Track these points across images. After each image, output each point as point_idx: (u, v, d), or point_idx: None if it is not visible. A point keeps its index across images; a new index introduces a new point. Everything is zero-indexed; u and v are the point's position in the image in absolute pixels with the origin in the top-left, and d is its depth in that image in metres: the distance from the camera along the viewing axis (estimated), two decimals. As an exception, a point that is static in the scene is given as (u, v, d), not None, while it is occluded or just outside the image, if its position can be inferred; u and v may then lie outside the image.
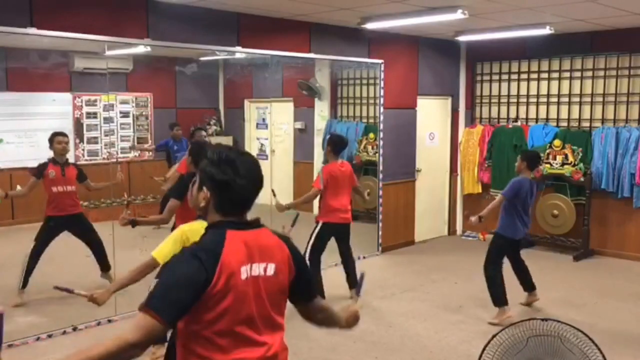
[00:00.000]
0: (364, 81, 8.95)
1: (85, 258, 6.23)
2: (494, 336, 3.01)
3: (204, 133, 7.21)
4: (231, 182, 1.87)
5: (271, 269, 1.94)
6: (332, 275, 6.19)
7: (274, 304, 1.99)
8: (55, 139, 5.83)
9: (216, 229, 1.90)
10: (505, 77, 8.52)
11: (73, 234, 5.95)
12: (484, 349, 3.03)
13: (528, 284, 5.83)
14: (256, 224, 1.97)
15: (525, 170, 5.50)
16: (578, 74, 7.85)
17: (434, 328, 5.33)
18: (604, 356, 2.87)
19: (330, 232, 5.82)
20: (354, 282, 6.06)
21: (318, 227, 5.76)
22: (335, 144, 5.81)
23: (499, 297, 5.40)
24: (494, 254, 5.52)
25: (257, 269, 1.90)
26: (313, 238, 5.73)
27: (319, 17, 6.56)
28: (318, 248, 5.75)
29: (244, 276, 1.85)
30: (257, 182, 1.94)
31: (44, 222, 5.80)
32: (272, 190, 5.88)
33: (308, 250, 5.68)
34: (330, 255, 6.04)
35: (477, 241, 8.58)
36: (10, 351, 4.75)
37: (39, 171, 5.75)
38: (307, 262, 5.58)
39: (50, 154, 5.88)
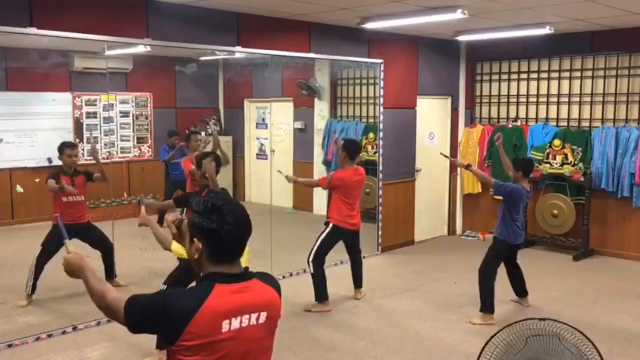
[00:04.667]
0: (364, 81, 8.95)
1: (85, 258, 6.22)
2: (492, 337, 3.01)
3: (199, 137, 7.19)
4: (220, 230, 1.89)
5: (263, 317, 1.96)
6: (334, 275, 6.18)
7: (260, 352, 2.01)
8: (66, 151, 5.75)
9: (206, 281, 1.93)
10: (505, 77, 8.52)
11: (84, 242, 5.90)
12: (482, 350, 3.02)
13: (521, 291, 5.82)
14: (247, 276, 1.98)
15: (522, 179, 5.46)
16: (578, 74, 7.85)
17: (434, 328, 5.33)
18: (600, 355, 2.87)
19: (339, 236, 5.80)
20: (358, 283, 6.10)
21: (328, 229, 5.73)
22: (351, 150, 5.71)
23: (488, 304, 5.40)
24: (492, 258, 5.51)
25: (249, 320, 1.92)
26: (322, 239, 5.71)
27: (319, 17, 6.56)
28: (325, 250, 5.73)
29: (225, 329, 1.87)
30: (245, 227, 1.96)
31: (52, 229, 5.69)
32: (279, 171, 6.04)
33: (314, 251, 5.67)
34: (334, 255, 6.03)
35: (477, 241, 8.58)
36: (10, 351, 4.76)
37: (53, 177, 5.64)
38: (311, 263, 5.63)
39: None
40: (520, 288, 5.81)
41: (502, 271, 5.67)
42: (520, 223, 5.52)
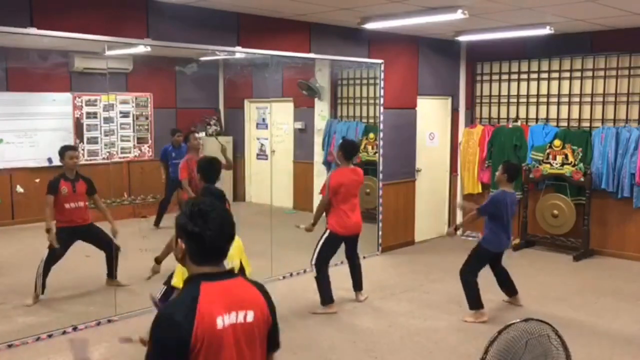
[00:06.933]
0: (364, 81, 8.95)
1: (85, 258, 6.24)
2: (490, 342, 2.96)
3: (197, 135, 7.32)
4: (202, 234, 1.94)
5: (250, 315, 1.99)
6: (333, 275, 6.18)
7: (253, 353, 2.02)
8: (67, 153, 5.78)
9: (191, 283, 1.97)
10: (505, 77, 8.52)
11: (87, 242, 5.91)
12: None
13: (510, 290, 5.83)
14: (231, 274, 2.04)
15: (505, 182, 5.48)
16: (578, 74, 7.85)
17: (434, 328, 5.34)
18: (565, 347, 2.94)
19: (340, 241, 5.78)
20: (357, 286, 6.07)
21: (327, 234, 5.69)
22: (347, 150, 5.74)
23: (474, 302, 5.46)
24: (474, 262, 5.54)
25: (236, 316, 1.95)
26: (321, 244, 5.67)
27: (319, 17, 6.56)
28: (326, 255, 5.69)
29: (220, 325, 1.90)
30: (227, 233, 2.01)
31: (57, 232, 5.68)
32: (297, 226, 5.94)
33: (315, 256, 5.65)
34: (335, 256, 6.01)
35: (477, 241, 8.57)
36: (10, 351, 4.76)
37: (53, 187, 5.69)
38: (313, 266, 5.61)
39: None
40: (508, 288, 5.82)
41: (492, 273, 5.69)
42: (508, 230, 5.53)
